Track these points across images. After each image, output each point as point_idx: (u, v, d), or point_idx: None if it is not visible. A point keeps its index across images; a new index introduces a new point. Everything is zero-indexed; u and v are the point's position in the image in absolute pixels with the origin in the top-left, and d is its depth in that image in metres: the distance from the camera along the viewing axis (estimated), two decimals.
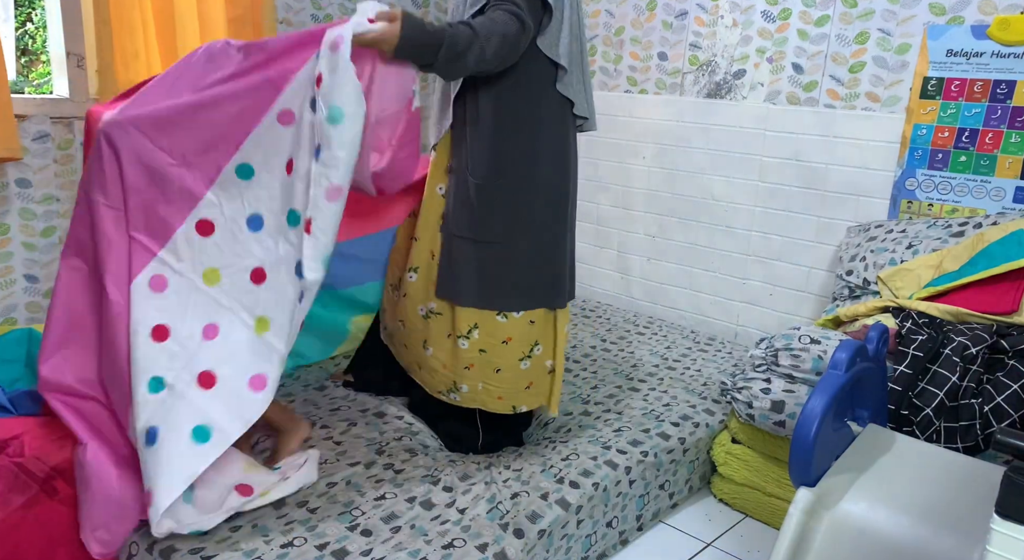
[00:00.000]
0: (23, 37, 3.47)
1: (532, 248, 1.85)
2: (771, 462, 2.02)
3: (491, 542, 1.54)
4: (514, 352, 1.88)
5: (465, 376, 1.91)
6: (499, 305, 1.85)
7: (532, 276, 1.86)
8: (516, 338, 1.87)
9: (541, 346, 1.91)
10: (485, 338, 1.86)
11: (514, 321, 1.86)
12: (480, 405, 1.93)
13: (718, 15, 2.89)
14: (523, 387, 1.92)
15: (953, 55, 2.37)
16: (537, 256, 1.86)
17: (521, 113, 1.79)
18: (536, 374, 1.93)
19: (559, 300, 1.92)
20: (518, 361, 1.89)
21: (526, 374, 1.91)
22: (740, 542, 1.99)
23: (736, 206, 2.92)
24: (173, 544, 1.46)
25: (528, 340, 1.89)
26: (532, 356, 1.90)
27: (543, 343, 1.92)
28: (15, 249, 2.49)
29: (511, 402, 1.93)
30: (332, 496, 1.66)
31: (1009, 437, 0.94)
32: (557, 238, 1.90)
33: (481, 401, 1.93)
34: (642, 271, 3.26)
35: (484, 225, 1.81)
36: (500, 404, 1.93)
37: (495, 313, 1.85)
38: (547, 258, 1.88)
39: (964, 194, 2.41)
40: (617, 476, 1.86)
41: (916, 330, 1.87)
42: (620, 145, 3.22)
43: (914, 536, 1.22)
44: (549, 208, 1.86)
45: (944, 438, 1.71)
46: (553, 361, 1.95)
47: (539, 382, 1.94)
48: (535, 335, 1.89)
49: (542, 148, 1.82)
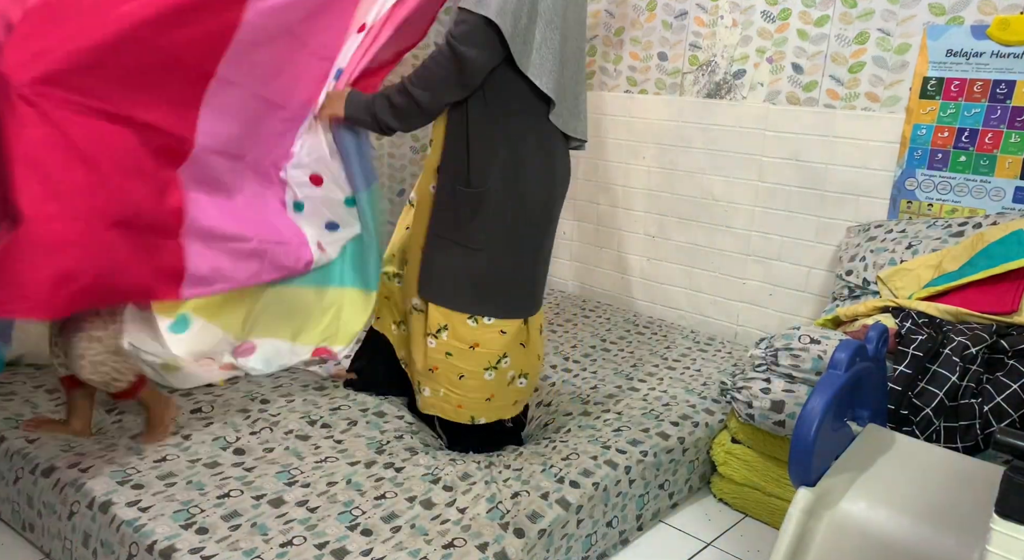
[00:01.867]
0: None
1: (511, 259, 1.86)
2: (771, 462, 2.02)
3: (491, 542, 1.55)
4: (480, 360, 1.87)
5: (428, 378, 1.92)
6: (470, 309, 1.85)
7: (507, 286, 1.87)
8: (483, 345, 1.87)
9: (509, 359, 1.91)
10: (452, 341, 1.86)
11: (484, 327, 1.86)
12: (438, 412, 1.95)
13: (718, 15, 2.89)
14: (484, 398, 1.92)
15: (953, 55, 2.37)
16: (515, 268, 1.87)
17: (510, 129, 1.79)
18: (499, 387, 1.92)
19: (531, 311, 1.93)
20: (483, 370, 1.88)
21: (489, 385, 1.90)
22: (740, 542, 1.99)
23: (736, 206, 2.92)
24: (173, 544, 1.46)
25: (496, 350, 1.88)
26: (498, 368, 1.90)
27: (511, 357, 1.91)
28: None
29: (470, 412, 1.93)
30: (332, 495, 1.66)
31: (1009, 437, 0.94)
32: (537, 252, 1.91)
33: (440, 408, 1.94)
34: (642, 271, 3.27)
35: (466, 230, 1.82)
36: (458, 413, 1.93)
37: (466, 316, 1.85)
38: (525, 271, 1.90)
39: (964, 194, 2.41)
40: (617, 476, 1.86)
41: (916, 330, 1.87)
42: (620, 145, 3.22)
43: (914, 536, 1.22)
44: (532, 223, 1.87)
45: (944, 438, 1.71)
46: (516, 373, 1.95)
47: (500, 396, 1.93)
48: (504, 346, 1.88)
49: (528, 164, 1.82)
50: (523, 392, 2.00)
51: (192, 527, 1.51)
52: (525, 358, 1.95)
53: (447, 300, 1.86)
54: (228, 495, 1.62)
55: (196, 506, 1.57)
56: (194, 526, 1.51)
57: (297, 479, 1.71)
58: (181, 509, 1.56)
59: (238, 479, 1.69)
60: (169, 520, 1.52)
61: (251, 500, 1.62)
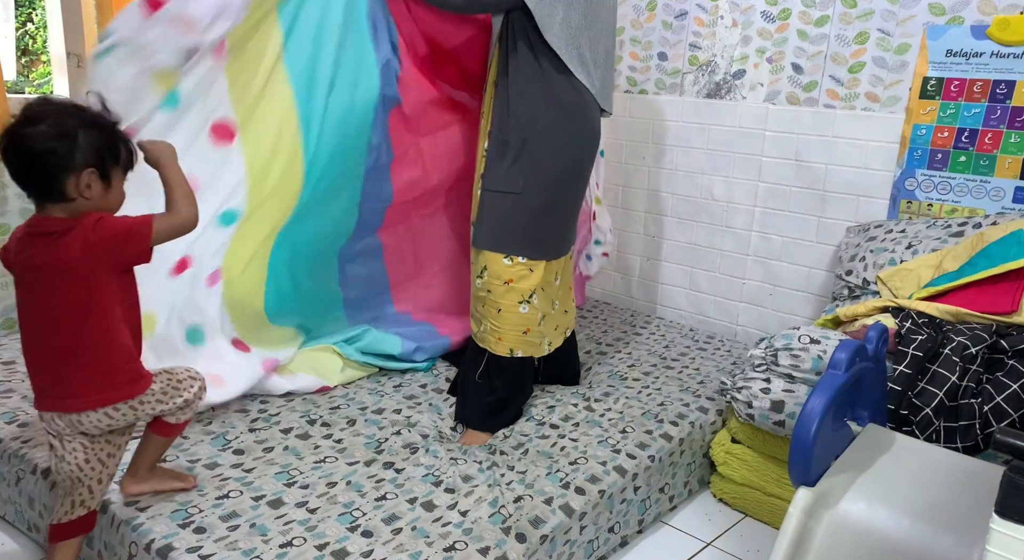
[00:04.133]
0: (23, 37, 3.47)
1: (545, 203, 2.05)
2: (771, 462, 2.02)
3: (493, 546, 1.54)
4: (514, 295, 2.06)
5: (476, 316, 2.14)
6: (505, 249, 2.05)
7: (540, 229, 2.07)
8: (516, 282, 2.06)
9: (537, 298, 2.09)
10: (491, 279, 2.07)
11: (518, 265, 2.05)
12: (485, 345, 2.11)
13: (718, 15, 2.89)
14: (521, 331, 2.09)
15: (953, 55, 2.37)
16: (548, 211, 2.06)
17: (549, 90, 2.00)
18: (532, 323, 2.10)
19: (555, 255, 2.13)
20: (517, 304, 2.07)
21: (524, 319, 2.08)
22: (740, 542, 1.99)
23: (736, 206, 2.92)
24: (171, 543, 1.46)
25: (527, 287, 2.07)
26: (531, 303, 2.08)
27: (539, 296, 2.10)
28: None
29: (509, 345, 2.09)
30: (332, 497, 1.66)
31: (1009, 437, 0.94)
32: (569, 197, 2.12)
33: (486, 341, 2.11)
34: (642, 271, 3.27)
35: (507, 178, 2.03)
36: (500, 346, 2.09)
37: (502, 256, 2.05)
38: (557, 214, 2.09)
39: (964, 194, 2.41)
40: (624, 483, 1.86)
41: (916, 330, 1.87)
42: (620, 145, 3.22)
43: (914, 536, 1.22)
44: (567, 170, 2.06)
45: (944, 438, 1.71)
46: (543, 313, 2.12)
47: (534, 331, 2.11)
48: (533, 284, 2.07)
49: (565, 119, 2.02)
50: (546, 332, 2.16)
51: (190, 526, 1.51)
52: (546, 299, 2.14)
53: (487, 243, 2.07)
54: (227, 496, 1.62)
55: (195, 506, 1.57)
56: (192, 525, 1.51)
57: (296, 480, 1.71)
58: (179, 509, 1.56)
59: (237, 480, 1.69)
60: (167, 520, 1.52)
61: (250, 500, 1.61)
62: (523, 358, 2.12)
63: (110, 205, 1.42)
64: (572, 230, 2.20)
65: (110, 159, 1.39)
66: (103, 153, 1.37)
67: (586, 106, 2.05)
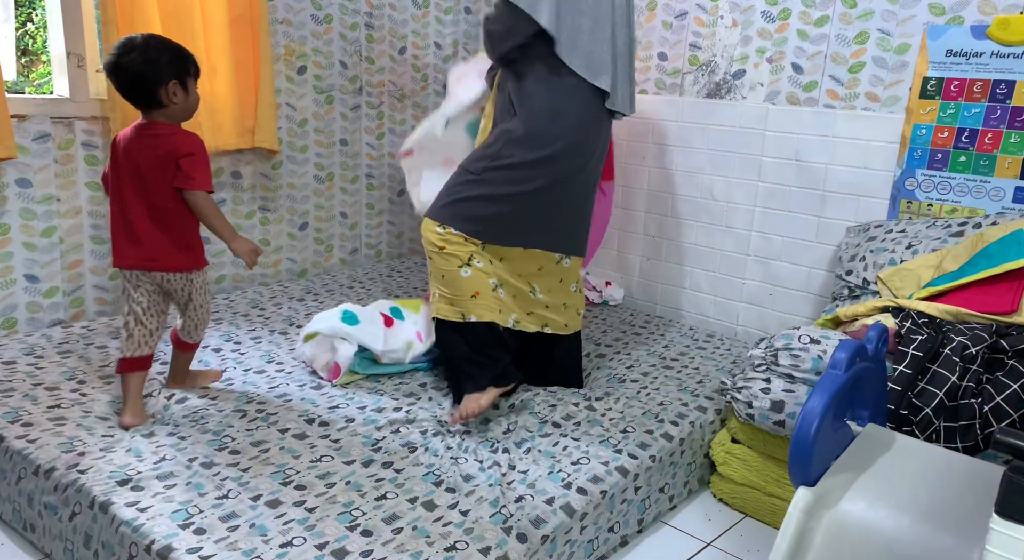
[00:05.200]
0: (23, 37, 3.47)
1: (502, 194, 2.09)
2: (771, 462, 2.02)
3: (494, 546, 1.54)
4: (451, 260, 2.10)
5: (431, 288, 2.19)
6: (438, 217, 2.13)
7: (485, 211, 2.11)
8: (449, 248, 2.10)
9: (480, 261, 2.12)
10: (427, 246, 2.14)
11: (450, 234, 2.11)
12: (438, 314, 2.15)
13: (718, 15, 2.89)
14: (469, 295, 2.11)
15: (953, 55, 2.37)
16: (502, 201, 2.10)
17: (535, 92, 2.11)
18: (482, 286, 2.12)
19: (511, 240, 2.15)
20: (457, 268, 2.10)
21: (469, 282, 2.10)
22: (740, 542, 1.99)
23: (736, 206, 2.92)
24: (171, 543, 1.46)
25: (462, 253, 2.10)
26: (472, 265, 2.11)
27: (481, 259, 2.12)
28: (15, 249, 2.49)
29: (460, 309, 2.12)
30: (331, 497, 1.66)
31: (1009, 437, 0.94)
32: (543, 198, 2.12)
33: (438, 309, 2.15)
34: (642, 271, 3.27)
35: (474, 160, 2.16)
36: (451, 311, 2.12)
37: (435, 224, 2.13)
38: (518, 208, 2.12)
39: (964, 194, 2.41)
40: (626, 483, 1.86)
41: (916, 330, 1.87)
42: (620, 145, 3.22)
43: (914, 536, 1.22)
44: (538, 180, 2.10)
45: (944, 438, 1.71)
46: (497, 281, 2.15)
47: (485, 295, 2.12)
48: (469, 250, 2.11)
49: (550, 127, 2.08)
50: (506, 303, 2.16)
51: (190, 527, 1.51)
52: (501, 273, 2.16)
53: (429, 212, 2.18)
54: (227, 496, 1.62)
55: (195, 506, 1.57)
56: (192, 526, 1.51)
57: (294, 479, 1.71)
58: (179, 509, 1.56)
59: (234, 479, 1.69)
60: (167, 520, 1.52)
61: (249, 501, 1.61)
62: (482, 323, 2.12)
63: (191, 105, 1.91)
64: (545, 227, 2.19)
65: (185, 72, 1.86)
66: (179, 68, 1.85)
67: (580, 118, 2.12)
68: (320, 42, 3.20)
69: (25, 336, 2.40)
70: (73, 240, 2.61)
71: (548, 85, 2.10)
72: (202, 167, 1.87)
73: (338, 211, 3.46)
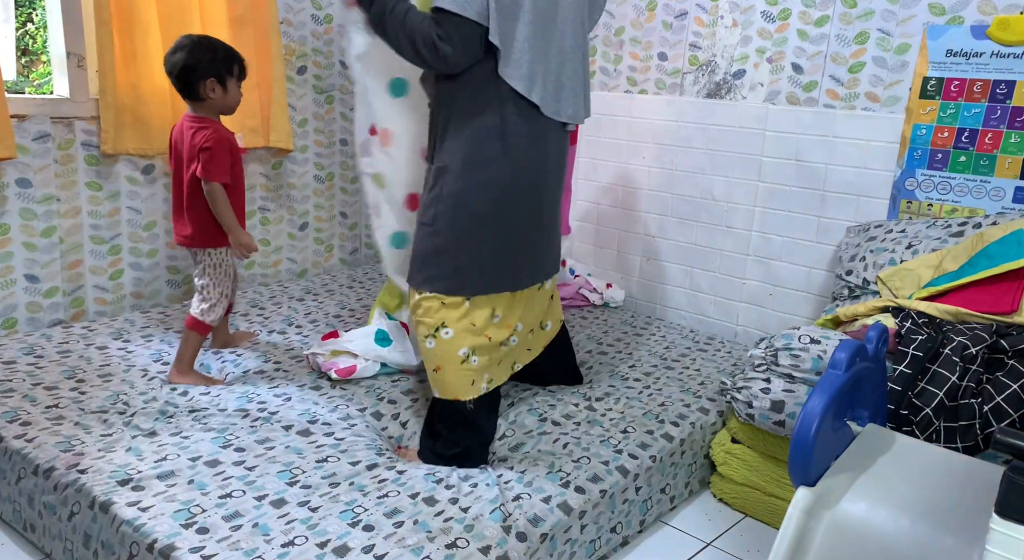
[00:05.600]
0: (23, 37, 3.47)
1: (459, 238, 1.87)
2: (771, 462, 2.03)
3: (494, 545, 1.54)
4: (420, 329, 1.95)
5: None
6: (413, 282, 1.96)
7: (447, 262, 1.89)
8: (422, 317, 1.93)
9: (451, 331, 1.90)
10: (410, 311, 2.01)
11: (424, 300, 1.92)
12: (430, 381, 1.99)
13: (718, 15, 2.89)
14: (432, 368, 1.94)
15: (953, 55, 2.37)
16: (467, 246, 1.88)
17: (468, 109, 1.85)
18: (445, 358, 1.91)
19: (477, 290, 1.92)
20: (423, 338, 1.94)
21: (432, 354, 1.92)
22: (740, 542, 1.99)
23: (736, 206, 2.92)
24: (173, 543, 1.46)
25: (431, 321, 1.92)
26: (437, 337, 1.91)
27: (453, 328, 1.90)
28: (15, 249, 2.49)
29: (435, 386, 1.95)
30: (334, 496, 1.66)
31: (1009, 437, 0.94)
32: (496, 233, 1.90)
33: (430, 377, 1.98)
34: (642, 271, 3.27)
35: (423, 208, 1.94)
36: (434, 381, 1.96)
37: (415, 291, 1.95)
38: (482, 248, 1.89)
39: (964, 194, 2.41)
40: (626, 483, 1.86)
41: (916, 330, 1.87)
42: (620, 145, 3.22)
43: (914, 536, 1.22)
44: (491, 205, 1.87)
45: (944, 438, 1.71)
46: (470, 351, 1.92)
47: (449, 368, 1.91)
48: (440, 317, 1.91)
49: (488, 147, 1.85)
50: (478, 368, 1.94)
51: (192, 527, 1.51)
52: (474, 337, 1.93)
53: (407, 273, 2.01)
54: (230, 495, 1.62)
55: (197, 505, 1.58)
56: (195, 526, 1.51)
57: (298, 479, 1.71)
58: (182, 509, 1.56)
59: (239, 479, 1.69)
60: (169, 520, 1.52)
61: (252, 500, 1.61)
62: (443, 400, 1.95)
63: (229, 103, 2.15)
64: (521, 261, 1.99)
65: (225, 72, 2.09)
66: (219, 68, 2.08)
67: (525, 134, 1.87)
68: (320, 42, 3.20)
69: (25, 336, 2.40)
70: (73, 240, 2.62)
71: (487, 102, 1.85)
72: (217, 161, 2.08)
73: (338, 211, 3.46)
